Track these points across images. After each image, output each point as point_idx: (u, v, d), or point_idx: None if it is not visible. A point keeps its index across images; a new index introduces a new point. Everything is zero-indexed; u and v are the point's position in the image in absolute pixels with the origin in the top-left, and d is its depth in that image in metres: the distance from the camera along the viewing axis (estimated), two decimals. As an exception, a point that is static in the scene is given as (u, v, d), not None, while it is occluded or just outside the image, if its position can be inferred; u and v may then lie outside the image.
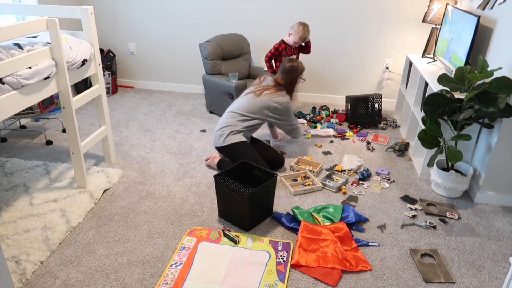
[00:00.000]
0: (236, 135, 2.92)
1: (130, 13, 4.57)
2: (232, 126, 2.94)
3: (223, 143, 2.92)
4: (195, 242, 2.30)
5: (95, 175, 2.92)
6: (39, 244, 2.23)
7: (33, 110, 3.44)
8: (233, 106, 3.05)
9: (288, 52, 3.78)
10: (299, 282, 2.06)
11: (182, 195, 2.77)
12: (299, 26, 3.65)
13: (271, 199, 2.52)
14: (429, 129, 2.68)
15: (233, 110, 3.01)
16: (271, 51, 3.76)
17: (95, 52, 2.75)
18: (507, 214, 2.66)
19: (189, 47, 4.60)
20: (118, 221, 2.49)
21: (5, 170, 2.97)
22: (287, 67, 3.07)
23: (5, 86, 2.07)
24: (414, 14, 3.99)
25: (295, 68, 3.08)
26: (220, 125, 3.01)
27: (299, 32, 3.64)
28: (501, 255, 2.29)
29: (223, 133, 2.93)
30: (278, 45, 3.76)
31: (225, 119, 3.01)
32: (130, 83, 4.95)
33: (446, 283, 2.08)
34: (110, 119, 3.11)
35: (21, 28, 2.17)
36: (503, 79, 2.34)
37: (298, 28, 3.64)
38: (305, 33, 3.66)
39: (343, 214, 2.52)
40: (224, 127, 2.96)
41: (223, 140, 2.92)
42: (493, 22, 2.81)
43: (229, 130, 2.92)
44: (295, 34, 3.67)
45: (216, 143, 3.00)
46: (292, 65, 3.07)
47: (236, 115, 2.98)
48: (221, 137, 2.93)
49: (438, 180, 2.78)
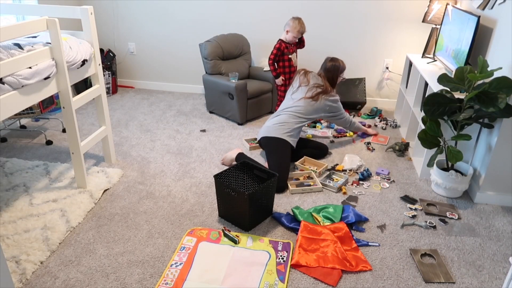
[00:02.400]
0: (291, 137, 3.06)
1: (130, 13, 4.57)
2: (290, 125, 3.08)
3: (278, 135, 3.03)
4: (195, 242, 2.30)
5: (95, 175, 2.92)
6: (39, 244, 2.23)
7: (33, 110, 3.44)
8: (291, 108, 3.16)
9: (289, 49, 3.79)
10: (299, 282, 2.06)
11: (182, 195, 2.77)
12: (294, 21, 3.67)
13: (271, 199, 2.52)
14: (429, 129, 2.67)
15: (292, 112, 3.13)
16: (273, 53, 3.75)
17: (95, 52, 2.75)
18: (507, 214, 2.66)
19: (189, 47, 4.60)
20: (118, 221, 2.49)
21: (5, 170, 2.97)
22: (329, 66, 3.26)
23: (5, 86, 2.07)
24: (414, 14, 3.99)
25: (337, 67, 3.26)
26: (277, 121, 3.12)
27: (296, 27, 3.66)
28: (501, 255, 2.29)
29: (281, 128, 3.06)
30: (279, 44, 3.75)
31: (284, 116, 3.13)
32: (130, 83, 4.95)
33: (446, 283, 2.08)
34: (110, 119, 3.11)
35: (21, 28, 2.17)
36: (503, 79, 2.34)
37: (294, 23, 3.67)
38: (302, 27, 3.69)
39: (343, 214, 2.52)
40: (283, 123, 3.08)
41: (280, 133, 3.04)
42: (493, 22, 2.81)
43: (287, 128, 3.06)
44: (292, 30, 3.68)
45: (267, 133, 3.08)
46: (334, 64, 3.26)
47: (294, 116, 3.11)
48: (278, 130, 3.05)
49: (438, 180, 2.78)
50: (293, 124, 3.07)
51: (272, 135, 3.04)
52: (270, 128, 3.08)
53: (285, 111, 3.16)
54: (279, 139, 3.01)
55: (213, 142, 3.55)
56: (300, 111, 3.11)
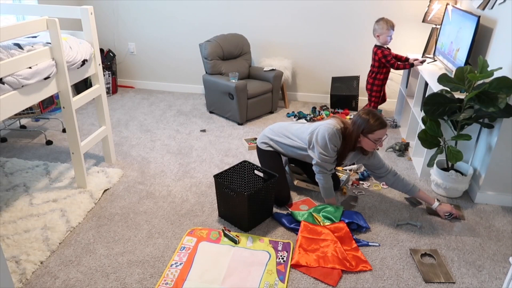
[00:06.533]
0: (267, 145, 2.86)
1: (130, 13, 4.57)
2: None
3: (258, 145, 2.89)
4: (195, 242, 2.30)
5: (95, 175, 2.92)
6: (39, 244, 2.23)
7: (33, 110, 3.44)
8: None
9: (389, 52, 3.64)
10: (299, 282, 2.06)
11: (182, 195, 2.77)
12: (379, 23, 3.53)
13: (271, 200, 2.52)
14: (429, 129, 2.67)
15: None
16: (388, 60, 3.55)
17: (95, 52, 2.75)
18: (507, 214, 2.66)
19: (189, 47, 4.60)
20: (118, 221, 2.49)
21: (5, 170, 2.97)
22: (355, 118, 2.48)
23: (5, 86, 2.07)
24: (414, 14, 3.99)
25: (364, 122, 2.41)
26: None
27: (384, 26, 3.49)
28: (501, 255, 2.29)
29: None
30: (381, 51, 3.57)
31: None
32: (130, 83, 4.95)
33: (446, 283, 2.07)
34: (110, 119, 3.11)
35: (21, 28, 2.17)
36: (503, 79, 2.34)
37: (380, 25, 3.51)
38: (388, 22, 3.51)
39: (346, 219, 2.46)
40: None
41: (259, 141, 2.89)
42: (493, 22, 2.81)
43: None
44: (383, 31, 3.50)
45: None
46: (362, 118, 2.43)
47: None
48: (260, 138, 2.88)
49: (438, 180, 2.78)
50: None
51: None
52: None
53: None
54: (259, 149, 2.84)
55: (213, 142, 3.55)
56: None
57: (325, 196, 2.59)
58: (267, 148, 2.79)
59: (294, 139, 2.66)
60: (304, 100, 4.63)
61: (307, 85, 4.57)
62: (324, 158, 2.46)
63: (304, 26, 4.28)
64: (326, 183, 2.54)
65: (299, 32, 4.32)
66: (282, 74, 4.17)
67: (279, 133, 2.75)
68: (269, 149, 2.78)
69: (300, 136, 2.64)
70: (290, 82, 4.39)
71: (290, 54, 4.42)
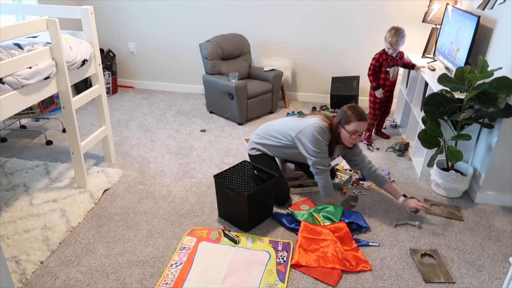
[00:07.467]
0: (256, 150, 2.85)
1: (130, 13, 4.57)
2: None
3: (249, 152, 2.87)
4: (195, 242, 2.30)
5: (95, 175, 2.92)
6: (39, 244, 2.23)
7: (33, 110, 3.44)
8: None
9: (389, 62, 3.33)
10: (299, 282, 2.06)
11: (182, 195, 2.77)
12: (389, 31, 3.21)
13: (271, 200, 2.52)
14: (429, 129, 2.67)
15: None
16: (372, 64, 3.35)
17: (95, 52, 2.75)
18: (507, 214, 2.66)
19: (189, 47, 4.60)
20: (118, 221, 2.49)
21: (5, 170, 2.97)
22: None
23: (5, 86, 2.07)
24: (414, 14, 3.99)
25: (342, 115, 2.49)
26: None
27: (387, 38, 3.21)
28: (501, 255, 2.29)
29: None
30: (378, 55, 3.33)
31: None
32: (130, 83, 4.95)
33: (446, 283, 2.07)
34: (110, 119, 3.11)
35: (21, 28, 2.17)
36: (503, 79, 2.34)
37: (387, 33, 3.21)
38: (391, 37, 3.18)
39: (346, 219, 2.47)
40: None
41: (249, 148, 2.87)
42: (493, 22, 2.81)
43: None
44: (385, 40, 3.23)
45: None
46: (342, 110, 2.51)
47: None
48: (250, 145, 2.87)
49: (438, 180, 2.78)
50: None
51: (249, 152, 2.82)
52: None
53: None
54: (250, 156, 2.81)
55: (213, 142, 3.55)
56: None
57: (325, 195, 2.59)
58: (257, 153, 2.76)
59: (279, 137, 2.65)
60: (304, 100, 4.63)
61: (307, 85, 4.57)
62: (319, 154, 2.48)
63: (304, 26, 4.28)
64: (326, 182, 2.54)
65: (299, 32, 4.32)
66: (282, 74, 4.17)
67: (265, 134, 2.74)
68: (259, 153, 2.75)
69: (284, 132, 2.63)
70: (290, 82, 4.39)
71: (290, 54, 4.42)
